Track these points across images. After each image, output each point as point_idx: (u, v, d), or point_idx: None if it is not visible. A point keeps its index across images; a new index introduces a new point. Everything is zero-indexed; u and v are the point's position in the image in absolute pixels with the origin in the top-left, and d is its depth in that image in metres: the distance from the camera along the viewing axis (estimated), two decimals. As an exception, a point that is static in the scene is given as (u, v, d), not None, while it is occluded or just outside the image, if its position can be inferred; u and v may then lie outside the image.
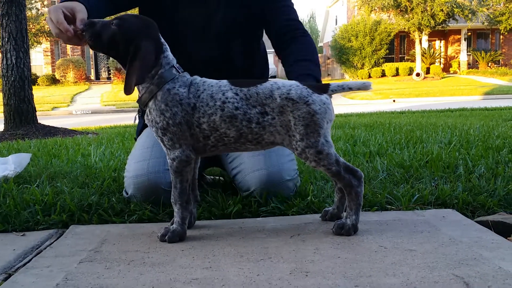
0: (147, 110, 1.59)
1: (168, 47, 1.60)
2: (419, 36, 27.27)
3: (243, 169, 1.99)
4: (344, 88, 1.59)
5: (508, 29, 28.43)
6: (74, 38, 1.62)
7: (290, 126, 1.54)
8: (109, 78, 32.44)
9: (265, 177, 1.92)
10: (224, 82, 1.59)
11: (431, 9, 25.81)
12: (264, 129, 1.56)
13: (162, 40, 1.59)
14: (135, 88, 1.58)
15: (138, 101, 1.60)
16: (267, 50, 2.26)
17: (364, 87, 1.59)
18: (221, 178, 2.47)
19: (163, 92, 1.54)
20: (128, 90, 1.52)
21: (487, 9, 27.71)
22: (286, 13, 2.08)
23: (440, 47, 32.94)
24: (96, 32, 1.56)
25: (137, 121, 2.20)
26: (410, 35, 28.85)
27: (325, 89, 1.58)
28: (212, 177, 2.51)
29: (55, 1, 31.69)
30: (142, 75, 1.53)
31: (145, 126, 2.18)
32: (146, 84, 1.56)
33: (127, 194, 1.99)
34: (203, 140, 1.59)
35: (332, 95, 1.60)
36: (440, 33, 31.43)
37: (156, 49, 1.56)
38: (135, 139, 2.24)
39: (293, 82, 1.58)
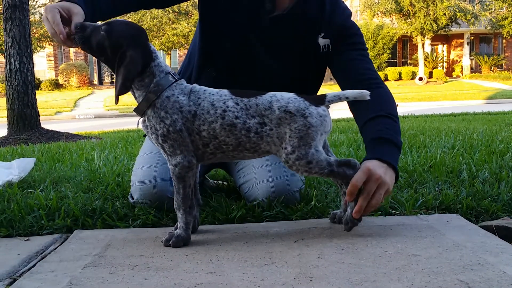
0: (145, 118, 1.59)
1: (158, 55, 1.59)
2: (422, 40, 27.32)
3: (251, 179, 1.99)
4: (341, 98, 1.59)
5: (510, 33, 28.44)
6: (68, 41, 1.60)
7: (284, 138, 1.55)
8: (112, 83, 32.56)
9: (272, 188, 1.92)
10: (225, 91, 1.60)
11: (434, 14, 25.85)
12: (262, 139, 1.57)
13: (152, 48, 1.58)
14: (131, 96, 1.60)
15: (135, 110, 1.59)
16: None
17: (361, 97, 1.59)
18: (224, 182, 2.47)
19: (162, 99, 1.55)
20: (115, 100, 1.55)
21: (490, 14, 27.75)
22: (355, 59, 1.92)
23: (443, 51, 32.95)
24: (85, 36, 1.55)
25: (140, 126, 2.21)
26: (413, 40, 28.92)
27: (322, 101, 1.58)
28: (215, 181, 2.51)
29: (58, 6, 31.77)
30: (125, 84, 1.52)
31: None
32: (142, 92, 1.56)
33: (132, 199, 2.00)
34: (202, 147, 1.59)
35: (330, 107, 1.61)
36: (442, 37, 31.46)
37: (144, 57, 1.55)
38: (144, 136, 2.25)
39: (291, 94, 1.59)
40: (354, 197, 1.59)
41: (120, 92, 1.52)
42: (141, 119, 1.62)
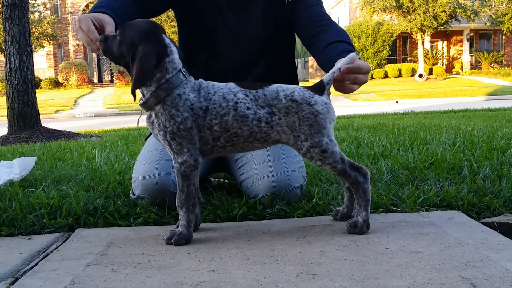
0: (153, 114, 1.58)
1: (174, 50, 1.58)
2: (422, 37, 27.28)
3: (251, 175, 1.99)
4: (335, 72, 1.62)
5: (510, 29, 28.42)
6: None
7: (295, 127, 1.59)
8: (111, 81, 32.54)
9: (273, 184, 1.92)
10: (232, 84, 1.62)
11: (433, 10, 25.82)
12: (272, 129, 1.60)
13: (167, 42, 1.56)
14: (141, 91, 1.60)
15: (143, 105, 1.59)
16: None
17: (351, 61, 1.62)
18: (226, 180, 2.47)
19: (173, 97, 1.54)
20: (133, 96, 1.54)
21: (490, 10, 27.70)
22: (315, 5, 2.09)
23: (443, 48, 32.92)
24: (107, 46, 1.58)
25: (140, 124, 2.22)
26: (413, 36, 28.90)
27: (322, 88, 1.63)
28: (217, 179, 2.51)
29: (57, 5, 31.79)
30: (140, 78, 1.51)
31: None
32: (151, 88, 1.56)
33: (134, 195, 2.00)
34: (212, 142, 1.60)
35: (330, 93, 1.66)
36: (442, 34, 31.43)
37: (158, 52, 1.54)
38: (145, 140, 2.26)
39: (295, 85, 1.64)
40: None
41: (135, 86, 1.51)
42: (145, 116, 1.62)
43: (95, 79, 32.81)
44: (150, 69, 1.52)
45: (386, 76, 29.02)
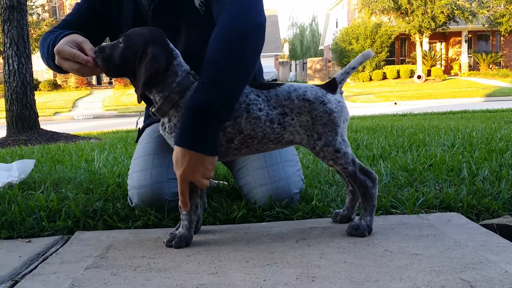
0: (165, 118, 1.57)
1: (179, 54, 1.57)
2: (420, 38, 27.31)
3: (249, 182, 1.97)
4: (349, 73, 1.62)
5: (508, 30, 28.45)
6: (95, 68, 1.59)
7: (308, 126, 1.58)
8: (110, 83, 32.56)
9: (273, 192, 1.90)
10: None
11: (432, 11, 25.85)
12: (285, 129, 1.59)
13: (172, 46, 1.56)
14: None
15: (157, 111, 1.57)
16: (267, 54, 2.15)
17: (365, 58, 1.60)
18: (225, 182, 2.47)
19: (186, 99, 1.53)
20: (138, 99, 1.53)
21: (488, 11, 27.73)
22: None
23: (441, 49, 32.97)
24: (107, 55, 1.54)
25: (139, 125, 2.20)
26: (411, 38, 28.91)
27: (334, 86, 1.61)
28: (216, 181, 2.51)
29: (56, 6, 31.79)
30: (150, 80, 1.48)
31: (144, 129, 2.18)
32: (162, 94, 1.54)
33: (131, 203, 1.99)
34: (226, 143, 1.59)
35: (343, 92, 1.65)
36: (440, 35, 31.48)
37: (167, 56, 1.52)
38: (136, 142, 2.23)
39: (307, 84, 1.63)
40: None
41: (143, 89, 1.49)
42: (143, 118, 1.61)
43: (94, 81, 32.81)
44: (160, 71, 1.50)
45: (384, 77, 29.04)
